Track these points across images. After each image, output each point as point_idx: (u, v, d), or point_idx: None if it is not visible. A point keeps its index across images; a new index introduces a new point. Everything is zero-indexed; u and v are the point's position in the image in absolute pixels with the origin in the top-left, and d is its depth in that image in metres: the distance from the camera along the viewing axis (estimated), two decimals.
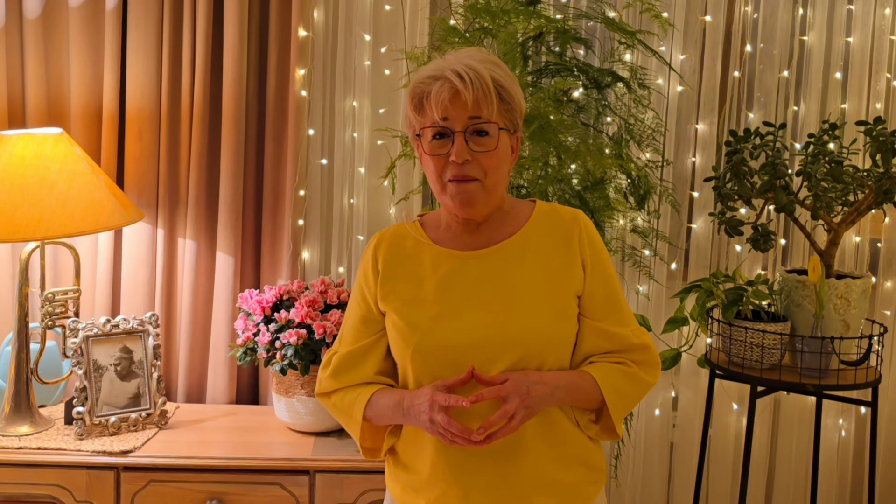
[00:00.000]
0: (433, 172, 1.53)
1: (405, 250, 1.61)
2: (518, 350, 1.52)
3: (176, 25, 2.59)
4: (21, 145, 2.28)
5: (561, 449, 1.56)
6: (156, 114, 2.62)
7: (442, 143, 1.51)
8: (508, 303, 1.54)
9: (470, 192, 1.51)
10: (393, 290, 1.59)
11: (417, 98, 1.52)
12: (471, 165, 1.50)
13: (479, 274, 1.56)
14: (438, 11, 2.71)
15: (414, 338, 1.54)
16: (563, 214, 1.62)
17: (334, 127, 2.75)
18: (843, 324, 2.29)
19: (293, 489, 2.25)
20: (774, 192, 2.31)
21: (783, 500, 2.93)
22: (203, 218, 2.64)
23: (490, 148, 1.51)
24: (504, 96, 1.51)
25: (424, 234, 1.62)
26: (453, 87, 1.48)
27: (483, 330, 1.52)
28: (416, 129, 1.55)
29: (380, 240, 1.64)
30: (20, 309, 2.35)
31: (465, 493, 1.54)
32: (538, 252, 1.58)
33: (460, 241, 1.60)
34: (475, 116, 1.49)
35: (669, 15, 2.70)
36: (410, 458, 1.60)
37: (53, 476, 2.22)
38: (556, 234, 1.59)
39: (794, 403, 2.88)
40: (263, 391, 2.71)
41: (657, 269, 2.78)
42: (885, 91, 2.80)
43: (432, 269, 1.58)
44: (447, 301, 1.55)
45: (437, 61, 1.54)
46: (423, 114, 1.52)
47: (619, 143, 2.42)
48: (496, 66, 1.52)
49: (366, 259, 1.64)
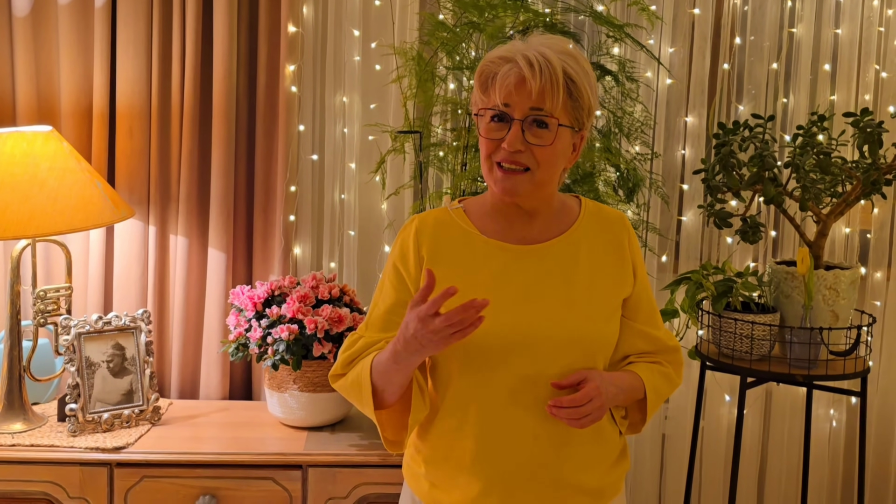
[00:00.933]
0: (483, 152, 1.49)
1: (451, 237, 1.55)
2: (573, 349, 1.51)
3: (165, 22, 2.59)
4: (11, 143, 2.28)
5: (602, 454, 1.57)
6: (146, 111, 2.62)
7: (499, 126, 1.46)
8: (565, 301, 1.51)
9: (515, 181, 1.47)
10: (441, 279, 1.45)
11: (485, 77, 1.47)
12: (523, 155, 1.45)
13: (535, 270, 1.53)
14: (427, 6, 2.71)
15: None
16: (610, 215, 1.62)
17: (325, 123, 2.75)
18: (831, 314, 2.30)
19: (286, 484, 2.26)
20: (763, 183, 2.33)
21: (775, 490, 2.94)
22: (194, 214, 2.64)
23: (546, 142, 1.45)
24: (573, 91, 1.45)
25: (471, 223, 1.56)
26: (521, 72, 1.42)
27: (539, 327, 1.49)
28: (478, 108, 1.50)
29: (421, 224, 1.56)
30: (12, 307, 2.36)
31: (508, 491, 1.51)
32: (591, 252, 1.56)
33: (511, 234, 1.55)
34: (537, 108, 1.44)
35: (658, 8, 2.70)
36: (445, 454, 1.55)
37: (47, 473, 2.23)
38: (607, 236, 1.58)
39: (786, 394, 2.90)
40: (256, 386, 2.72)
41: (648, 262, 2.79)
42: (874, 82, 2.81)
43: (484, 261, 1.53)
44: (502, 296, 1.49)
45: (516, 42, 1.49)
46: (487, 94, 1.47)
47: (608, 137, 2.43)
48: (572, 59, 1.46)
49: (405, 243, 1.56)
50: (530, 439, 1.50)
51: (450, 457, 1.55)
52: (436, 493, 1.58)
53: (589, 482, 1.55)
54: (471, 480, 1.52)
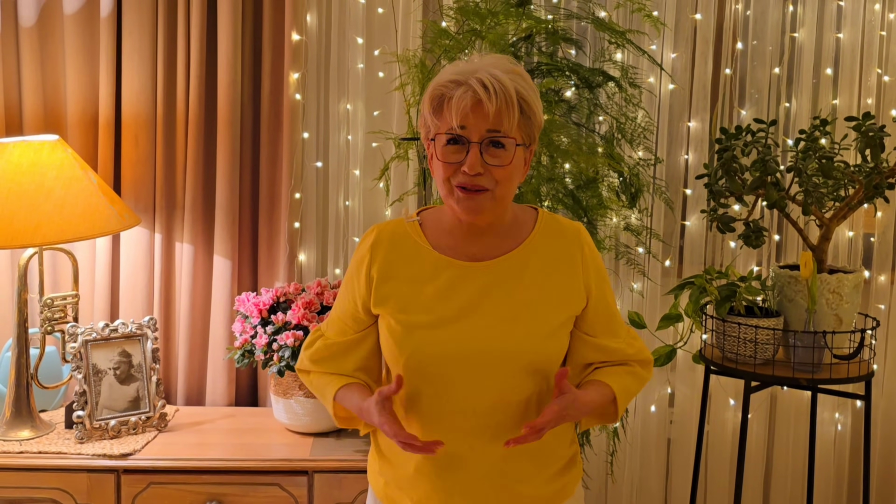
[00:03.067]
0: (441, 175, 1.50)
1: (404, 251, 1.58)
2: (511, 364, 1.53)
3: (170, 31, 2.61)
4: (18, 153, 2.30)
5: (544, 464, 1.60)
6: (151, 119, 2.64)
7: (456, 149, 1.48)
8: (507, 316, 1.54)
9: (478, 201, 1.49)
10: (390, 294, 1.56)
11: (437, 100, 1.49)
12: (482, 177, 1.48)
13: (480, 285, 1.55)
14: (430, 14, 2.73)
15: (409, 344, 1.53)
16: (566, 230, 1.62)
17: (329, 130, 2.77)
18: (835, 318, 2.31)
19: (292, 489, 2.27)
20: (765, 188, 2.33)
21: (780, 494, 2.94)
22: (200, 222, 2.66)
23: (505, 162, 1.48)
24: (525, 110, 1.48)
25: (425, 239, 1.59)
26: (476, 95, 1.44)
27: (480, 342, 1.52)
28: (430, 132, 1.52)
29: (377, 239, 1.60)
30: (19, 314, 2.37)
31: (448, 495, 1.56)
32: (540, 267, 1.57)
33: (462, 250, 1.57)
34: (494, 129, 1.46)
35: (660, 13, 2.71)
36: (395, 454, 1.61)
37: (54, 480, 2.24)
38: (559, 251, 1.59)
39: (791, 398, 2.90)
40: (262, 393, 2.73)
41: (651, 267, 2.80)
42: (876, 86, 2.81)
43: (432, 276, 1.56)
44: (446, 310, 1.54)
45: (462, 64, 1.50)
46: (441, 117, 1.48)
47: (611, 142, 2.43)
48: (521, 79, 1.49)
49: (361, 257, 1.60)
50: (467, 450, 1.55)
51: (400, 457, 1.60)
52: (388, 490, 1.64)
53: (529, 492, 1.58)
54: (415, 483, 1.58)
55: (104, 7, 2.58)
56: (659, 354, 2.45)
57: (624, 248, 2.61)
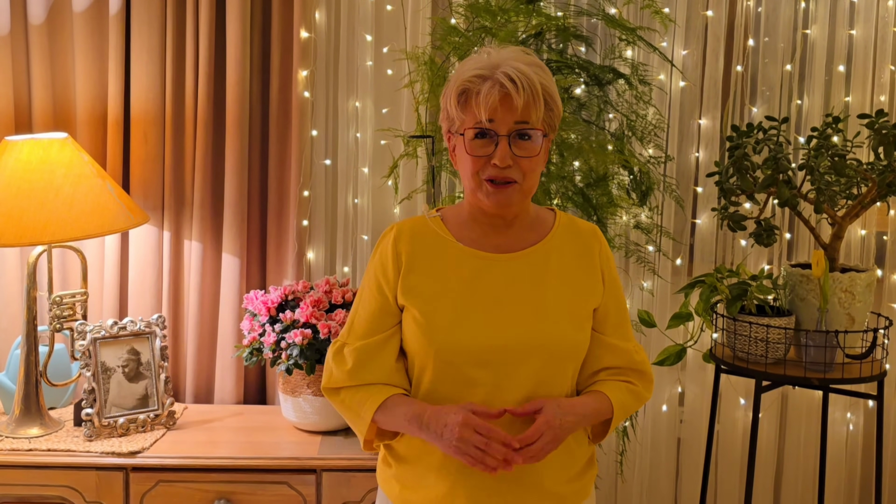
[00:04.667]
0: (469, 169, 1.52)
1: (427, 245, 1.59)
2: (542, 355, 1.53)
3: (179, 29, 2.61)
4: (27, 150, 2.30)
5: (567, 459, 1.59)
6: (160, 117, 2.63)
7: (484, 143, 1.50)
8: (535, 308, 1.55)
9: (507, 193, 1.52)
10: (416, 286, 1.56)
11: (463, 95, 1.51)
12: (511, 169, 1.50)
13: (506, 277, 1.56)
14: (439, 11, 2.72)
15: (438, 337, 1.53)
16: (583, 228, 1.66)
17: (337, 127, 2.76)
18: (847, 317, 2.29)
19: (300, 488, 2.26)
20: (777, 186, 2.31)
21: (791, 495, 2.92)
22: (208, 220, 2.66)
23: (533, 153, 1.51)
24: (549, 102, 1.52)
25: (447, 231, 1.60)
26: (504, 89, 1.47)
27: (509, 333, 1.53)
28: (455, 125, 1.54)
29: (399, 231, 1.60)
30: (28, 312, 2.37)
31: (473, 493, 1.55)
32: (561, 262, 1.60)
33: (486, 242, 1.59)
34: (522, 121, 1.49)
35: (671, 10, 2.70)
36: (418, 453, 1.59)
37: (63, 477, 2.25)
38: (578, 247, 1.62)
39: (802, 398, 2.88)
40: (270, 391, 2.73)
41: (662, 265, 2.78)
42: (889, 83, 2.79)
43: (456, 268, 1.57)
44: (473, 301, 1.54)
45: (482, 58, 1.52)
46: (468, 111, 1.50)
47: (621, 140, 2.42)
48: (542, 71, 1.52)
49: (384, 250, 1.60)
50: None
51: (421, 456, 1.59)
52: (406, 494, 1.62)
53: (552, 488, 1.57)
54: (438, 481, 1.56)
55: (113, 5, 2.58)
56: (669, 353, 2.44)
57: (634, 246, 2.60)
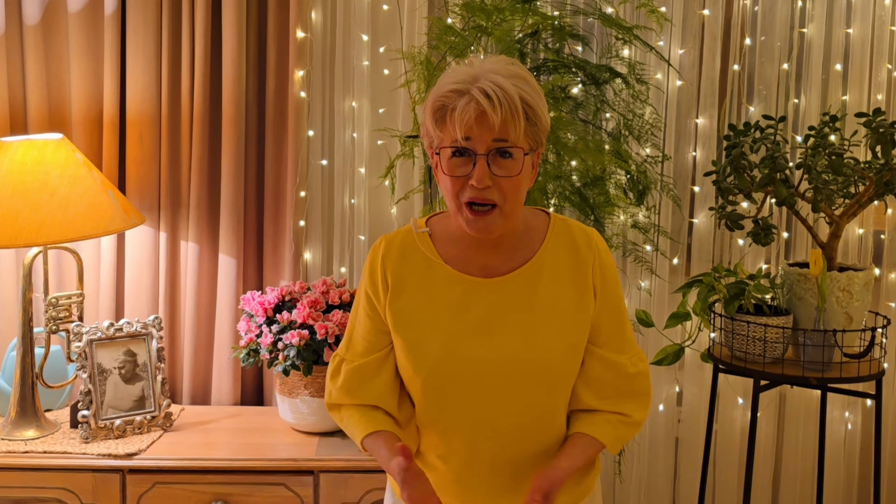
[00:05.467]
0: (449, 191, 1.44)
1: (414, 264, 1.54)
2: (533, 381, 1.51)
3: (175, 29, 2.60)
4: (22, 151, 2.30)
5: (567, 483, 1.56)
6: (156, 117, 2.63)
7: (462, 161, 1.42)
8: (525, 333, 1.50)
9: (487, 221, 1.44)
10: (403, 310, 1.52)
11: (439, 111, 1.42)
12: (491, 190, 1.42)
13: (494, 302, 1.51)
14: (435, 10, 2.71)
15: (425, 365, 1.51)
16: (578, 238, 1.56)
17: (334, 128, 2.75)
18: (845, 316, 2.28)
19: (298, 489, 2.26)
20: (774, 185, 2.31)
21: (790, 494, 2.92)
22: (205, 220, 2.65)
23: (513, 173, 1.42)
24: (531, 116, 1.42)
25: (435, 252, 1.55)
26: (479, 106, 1.38)
27: (498, 361, 1.50)
28: (434, 143, 1.47)
29: (387, 249, 1.56)
30: (24, 314, 2.37)
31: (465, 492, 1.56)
32: (554, 278, 1.53)
33: (473, 262, 1.53)
34: (501, 139, 1.40)
35: (668, 9, 2.69)
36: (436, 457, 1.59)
37: (59, 479, 2.24)
38: (572, 261, 1.54)
39: (800, 397, 2.88)
40: (268, 392, 2.72)
41: (659, 265, 2.78)
42: (887, 82, 2.78)
43: (444, 292, 1.52)
44: (461, 329, 1.51)
45: (462, 70, 1.43)
46: (444, 129, 1.42)
47: (618, 139, 2.41)
48: (524, 83, 1.42)
49: (373, 269, 1.56)
50: (487, 469, 1.54)
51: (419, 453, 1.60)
52: None
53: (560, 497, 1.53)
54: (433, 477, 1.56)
55: (108, 5, 2.57)
56: (667, 353, 2.44)
57: (632, 245, 2.59)
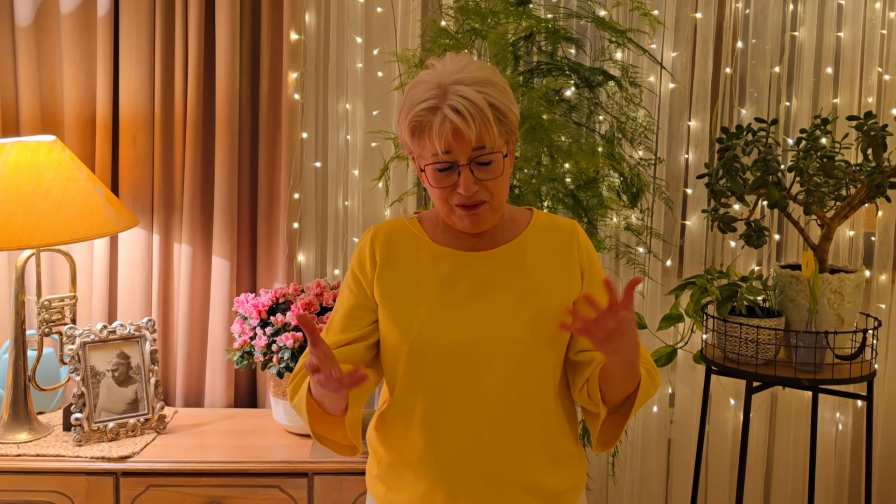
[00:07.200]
0: (439, 199, 1.53)
1: (403, 245, 1.61)
2: (517, 350, 1.53)
3: (168, 31, 2.60)
4: (14, 153, 2.29)
5: (551, 456, 1.58)
6: (149, 119, 2.62)
7: (446, 174, 1.49)
8: (510, 303, 1.55)
9: (478, 216, 1.53)
10: (390, 284, 1.58)
11: (417, 129, 1.48)
12: (478, 192, 1.50)
13: (480, 274, 1.57)
14: (429, 13, 2.71)
15: (411, 332, 1.54)
16: (561, 224, 1.65)
17: (328, 130, 2.75)
18: (837, 318, 2.30)
19: (292, 491, 2.25)
20: (766, 187, 2.32)
21: (781, 495, 2.93)
22: (198, 222, 2.65)
23: (496, 175, 1.50)
24: (501, 118, 1.49)
25: (423, 231, 1.62)
26: (453, 124, 1.44)
27: (482, 329, 1.53)
28: (414, 154, 1.53)
29: (376, 232, 1.63)
30: (16, 316, 2.36)
31: (453, 490, 1.55)
32: (538, 257, 1.60)
33: (460, 242, 1.60)
34: (479, 147, 1.47)
35: (660, 12, 2.70)
36: (398, 452, 1.60)
37: (52, 483, 2.23)
38: (555, 242, 1.62)
39: (792, 398, 2.89)
40: (261, 394, 2.72)
41: (652, 267, 2.79)
42: (877, 85, 2.80)
43: (432, 266, 1.58)
44: (447, 299, 1.55)
45: (428, 81, 1.48)
46: (423, 144, 1.48)
47: (612, 142, 2.42)
48: (489, 86, 1.47)
49: (362, 250, 1.62)
50: (474, 439, 1.53)
51: (402, 456, 1.59)
52: (390, 496, 1.62)
53: (535, 484, 1.56)
54: (417, 480, 1.57)
55: (101, 6, 2.57)
56: (660, 355, 2.45)
57: (624, 247, 2.60)
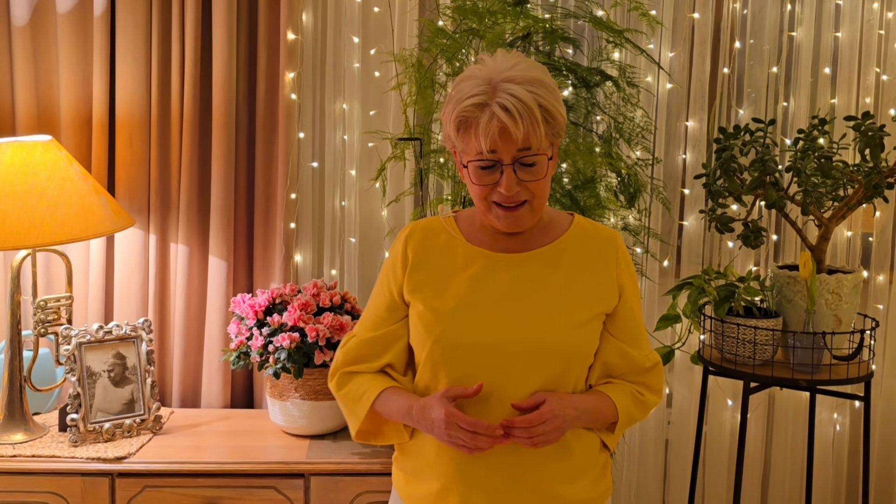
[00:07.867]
0: (478, 195, 1.53)
1: (437, 243, 1.61)
2: (542, 356, 1.53)
3: (164, 30, 2.59)
4: (10, 153, 2.28)
5: (566, 463, 1.57)
6: (146, 119, 2.61)
7: (489, 172, 1.49)
8: (537, 308, 1.55)
9: (518, 216, 1.53)
10: (422, 281, 1.59)
11: (463, 124, 1.48)
12: (519, 193, 1.50)
13: (511, 276, 1.57)
14: (426, 13, 2.71)
15: (437, 328, 1.55)
16: (602, 233, 1.64)
17: (325, 130, 2.75)
18: (834, 319, 2.30)
19: (288, 492, 2.25)
20: (764, 188, 2.32)
21: (779, 495, 2.93)
22: (195, 222, 2.64)
23: (539, 176, 1.50)
24: (549, 120, 1.48)
25: (458, 231, 1.62)
26: (501, 122, 1.44)
27: (508, 331, 1.53)
28: (457, 150, 1.53)
29: (412, 231, 1.64)
30: (12, 317, 2.35)
31: (467, 490, 1.55)
32: (573, 263, 1.59)
33: (495, 243, 1.60)
34: (524, 148, 1.47)
35: (658, 12, 2.70)
36: (419, 445, 1.61)
37: (48, 483, 2.22)
38: (593, 250, 1.61)
39: (789, 399, 2.89)
40: (258, 395, 2.71)
41: (649, 267, 2.79)
42: (875, 85, 2.80)
43: (464, 266, 1.58)
44: (475, 298, 1.56)
45: (477, 75, 1.48)
46: (468, 140, 1.48)
47: (609, 142, 2.42)
48: (539, 86, 1.47)
49: (396, 249, 1.64)
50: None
51: (422, 449, 1.60)
52: (409, 487, 1.64)
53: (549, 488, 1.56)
54: (432, 477, 1.58)
55: (98, 6, 2.56)
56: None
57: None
